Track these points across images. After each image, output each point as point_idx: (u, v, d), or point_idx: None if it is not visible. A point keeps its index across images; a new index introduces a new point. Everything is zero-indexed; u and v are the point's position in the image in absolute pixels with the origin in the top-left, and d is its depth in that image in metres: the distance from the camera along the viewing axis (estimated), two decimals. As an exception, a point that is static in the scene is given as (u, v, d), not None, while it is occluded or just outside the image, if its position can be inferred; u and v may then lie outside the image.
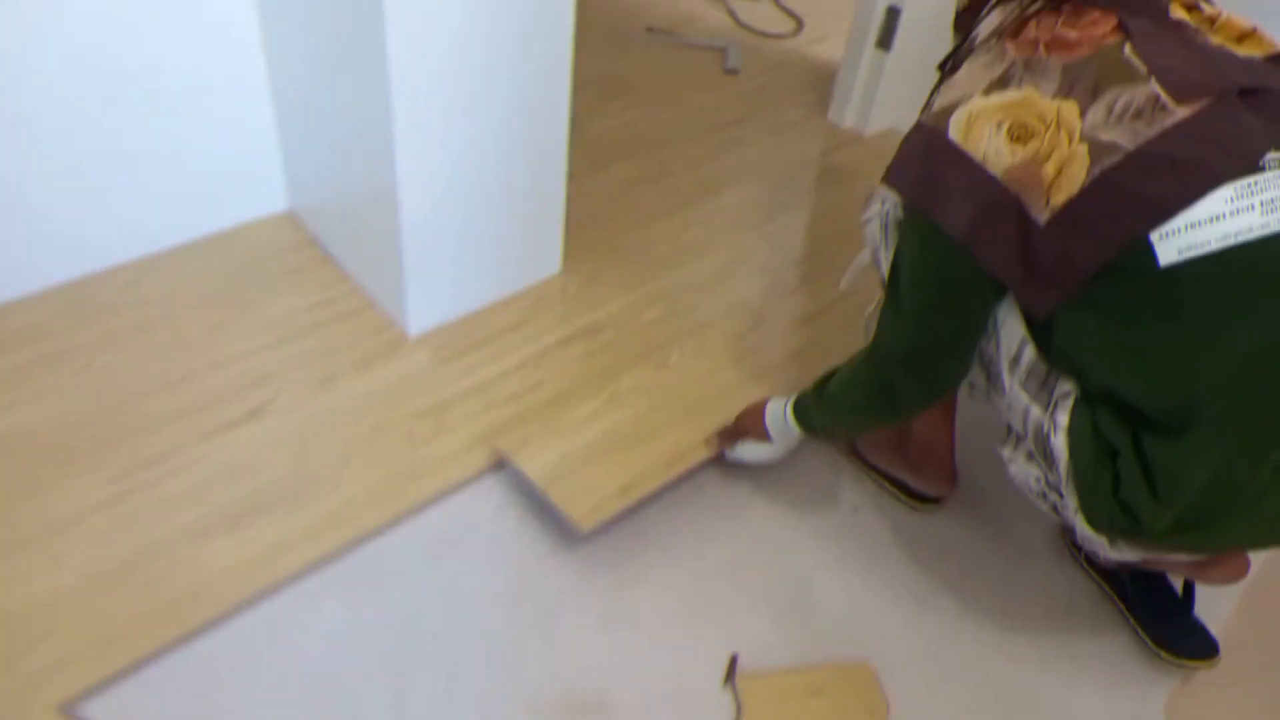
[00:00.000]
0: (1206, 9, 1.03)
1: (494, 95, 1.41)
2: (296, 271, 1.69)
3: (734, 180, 2.04)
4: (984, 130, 0.97)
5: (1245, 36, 1.00)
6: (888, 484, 1.45)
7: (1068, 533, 1.40)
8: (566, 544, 1.34)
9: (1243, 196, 0.90)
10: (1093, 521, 1.05)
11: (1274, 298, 0.91)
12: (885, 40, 2.08)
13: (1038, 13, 1.03)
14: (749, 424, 1.38)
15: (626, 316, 1.68)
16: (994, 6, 1.09)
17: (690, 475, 1.42)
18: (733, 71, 2.42)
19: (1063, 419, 1.03)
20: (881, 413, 1.21)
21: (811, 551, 1.37)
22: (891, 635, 1.28)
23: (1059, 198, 0.93)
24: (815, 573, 1.35)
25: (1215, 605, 1.31)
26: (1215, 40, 0.99)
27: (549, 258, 1.72)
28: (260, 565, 1.24)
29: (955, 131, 0.99)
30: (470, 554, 1.32)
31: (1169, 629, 1.26)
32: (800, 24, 2.67)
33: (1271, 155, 0.91)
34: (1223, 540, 1.04)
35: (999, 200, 0.96)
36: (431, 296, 1.57)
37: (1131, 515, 1.01)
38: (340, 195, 1.62)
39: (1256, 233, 0.90)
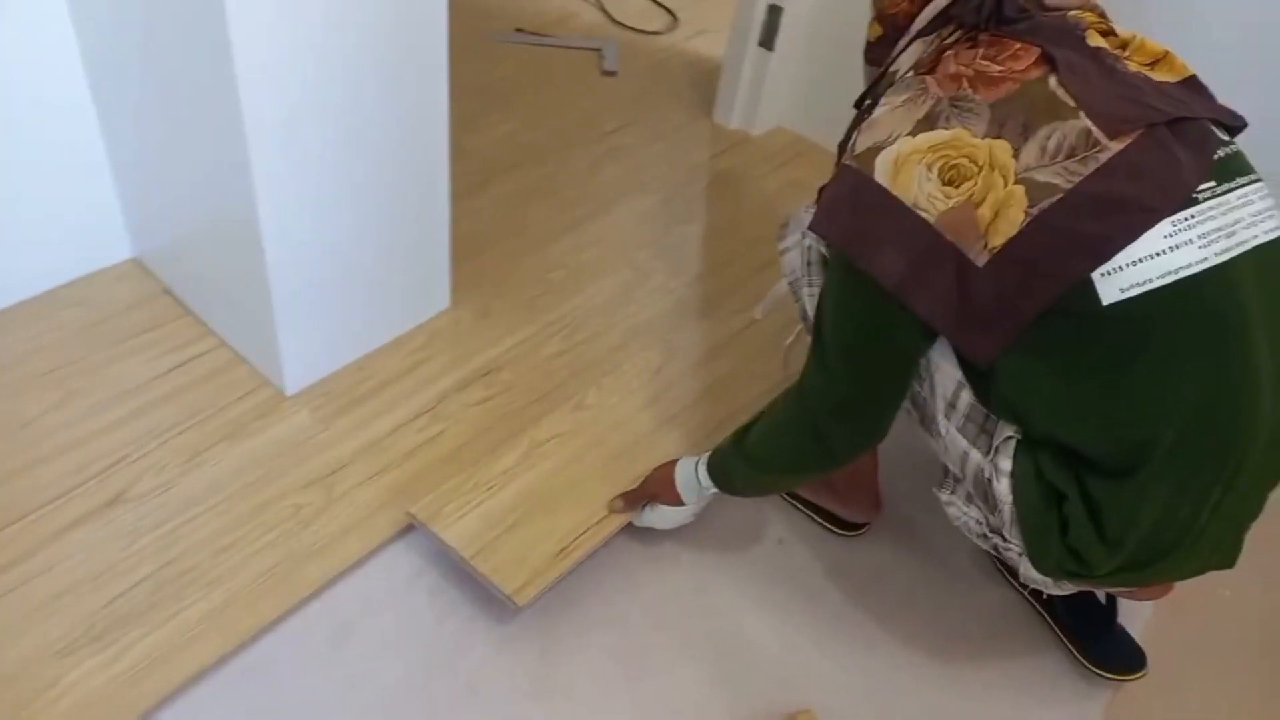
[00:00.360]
0: (1120, 33, 1.00)
1: (364, 117, 1.27)
2: (149, 328, 1.50)
3: (624, 193, 1.94)
4: (914, 173, 0.92)
5: (1158, 60, 0.98)
6: (813, 514, 1.40)
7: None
8: (486, 613, 1.24)
9: (1181, 231, 0.87)
10: (1040, 566, 1.02)
11: (1216, 333, 0.89)
12: (768, 40, 2.02)
13: (955, 44, 0.99)
14: (658, 489, 1.28)
15: (525, 352, 1.57)
16: (912, 40, 1.03)
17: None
18: (611, 73, 2.32)
19: (1005, 464, 0.99)
20: (816, 466, 1.14)
21: (740, 593, 1.31)
22: (832, 677, 1.23)
23: (997, 240, 0.88)
24: (746, 617, 1.29)
25: (1133, 609, 1.32)
26: (1132, 66, 0.96)
27: (437, 292, 1.59)
28: (135, 683, 1.09)
29: (883, 175, 0.93)
30: (378, 637, 1.20)
31: (1098, 644, 1.26)
32: (675, 19, 2.59)
33: (1204, 187, 0.89)
34: (1164, 576, 1.02)
35: (934, 247, 0.91)
36: (309, 346, 1.42)
37: (1079, 558, 0.98)
38: (193, 239, 1.45)
39: (1196, 267, 0.87)
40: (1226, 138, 0.95)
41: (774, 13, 1.98)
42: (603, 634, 1.24)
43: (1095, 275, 0.87)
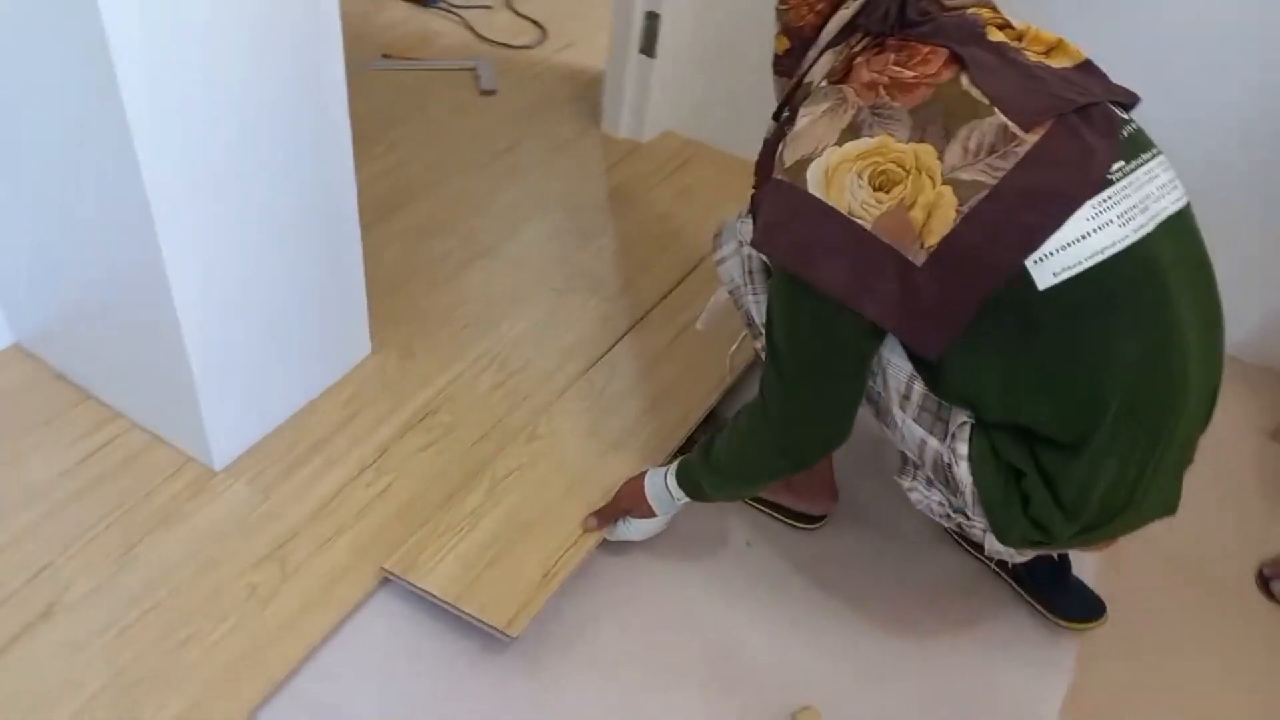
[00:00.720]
0: (1015, 25, 1.05)
1: (269, 168, 1.21)
2: (46, 419, 1.38)
3: (527, 214, 1.92)
4: (845, 181, 0.94)
5: (1053, 48, 1.03)
6: (773, 512, 1.42)
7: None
8: (472, 662, 1.20)
9: (1101, 213, 0.93)
10: (1005, 540, 1.07)
11: (1144, 304, 0.95)
12: (649, 47, 2.03)
13: (864, 51, 1.01)
14: (630, 503, 1.28)
15: (460, 390, 1.52)
16: (823, 51, 1.05)
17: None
18: (489, 92, 2.28)
19: (962, 448, 1.03)
20: (787, 471, 1.16)
21: (720, 600, 1.32)
22: (824, 669, 1.25)
23: (932, 240, 0.92)
24: (731, 622, 1.29)
25: (1081, 559, 1.39)
26: (1032, 57, 1.01)
27: (357, 339, 1.53)
28: (109, 811, 1.00)
29: (816, 186, 0.95)
30: (362, 708, 1.14)
31: (1059, 597, 1.33)
32: (544, 31, 2.57)
33: (1115, 167, 0.94)
34: (1119, 532, 1.08)
35: (874, 251, 0.94)
36: (234, 415, 1.34)
37: (1042, 529, 1.03)
38: (86, 315, 1.33)
39: (1119, 245, 0.93)
40: (1126, 116, 1.01)
41: (652, 19, 1.99)
42: (594, 666, 1.22)
43: (1029, 263, 0.91)
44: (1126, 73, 1.04)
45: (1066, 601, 1.32)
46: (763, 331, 1.21)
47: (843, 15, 1.04)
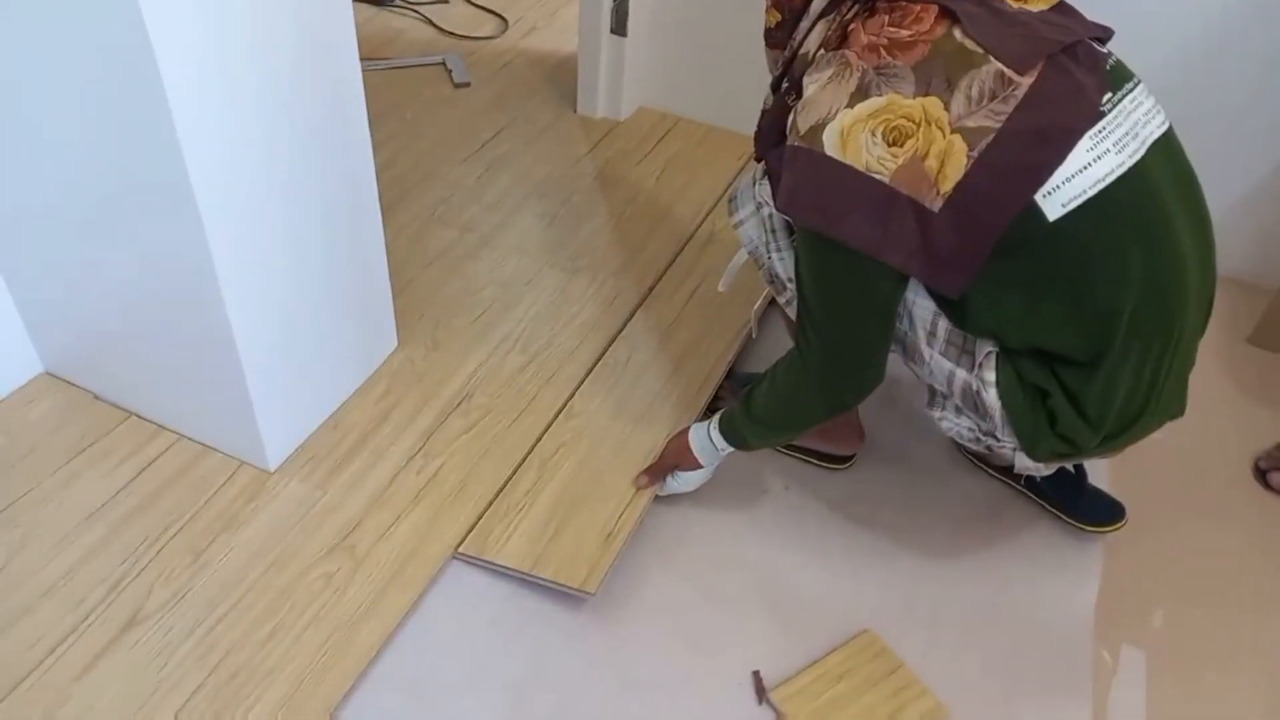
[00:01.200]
0: None
1: (303, 175, 1.25)
2: (92, 440, 1.40)
3: (521, 200, 1.96)
4: (860, 140, 1.00)
5: None
6: (805, 456, 1.49)
7: (959, 444, 1.52)
8: (547, 623, 1.26)
9: (1099, 143, 1.00)
10: (1035, 455, 1.16)
11: (1146, 222, 1.03)
12: (620, 26, 2.07)
13: (855, 16, 1.07)
14: (678, 458, 1.36)
15: (489, 374, 1.57)
16: (815, 21, 1.10)
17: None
18: (464, 84, 2.31)
19: (990, 375, 1.11)
20: (828, 415, 1.23)
21: (768, 543, 1.39)
22: (874, 595, 1.33)
23: (947, 186, 0.99)
24: (782, 563, 1.37)
25: (1095, 467, 1.49)
26: (1013, 4, 1.07)
27: (385, 334, 1.57)
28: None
29: (832, 148, 1.02)
30: (454, 679, 1.20)
31: (1082, 505, 1.42)
32: (504, 21, 2.60)
33: (1105, 99, 1.02)
34: (1138, 437, 1.17)
35: (894, 202, 1.00)
36: (282, 416, 1.37)
37: (1070, 442, 1.12)
38: (126, 336, 1.35)
39: (1118, 171, 1.01)
40: (1105, 50, 1.09)
41: (620, 0, 2.04)
42: (663, 617, 1.29)
43: (1038, 197, 0.99)
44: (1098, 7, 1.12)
45: (1089, 508, 1.42)
46: (787, 286, 1.28)
47: None
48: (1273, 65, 1.68)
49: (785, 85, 1.16)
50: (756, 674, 1.23)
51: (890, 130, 1.00)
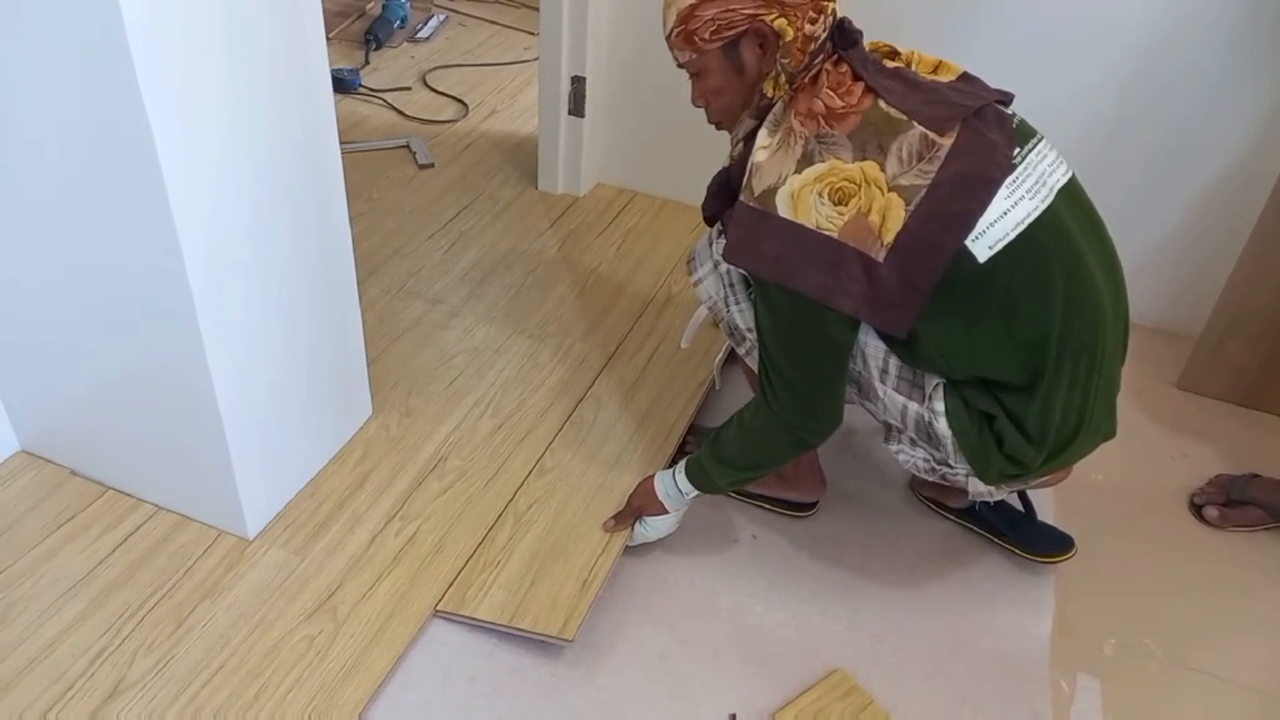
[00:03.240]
0: (901, 52, 1.23)
1: (286, 247, 1.31)
2: (70, 515, 1.42)
3: (488, 272, 2.04)
4: (810, 201, 1.11)
5: (937, 67, 1.22)
6: (771, 505, 1.56)
7: (915, 487, 1.60)
8: (526, 677, 1.29)
9: (1014, 191, 1.12)
10: (986, 479, 1.25)
11: (1061, 257, 1.15)
12: (578, 108, 2.19)
13: (814, 76, 1.17)
14: (643, 501, 1.42)
15: (463, 437, 1.62)
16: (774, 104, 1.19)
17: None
18: (428, 165, 2.40)
19: (939, 405, 1.21)
20: (792, 455, 1.31)
21: (738, 589, 1.44)
22: (841, 637, 1.39)
23: (889, 237, 1.10)
24: (753, 608, 1.42)
25: (1043, 506, 1.58)
26: (924, 76, 1.20)
27: (360, 403, 1.62)
28: None
29: (785, 209, 1.12)
30: (438, 737, 1.22)
31: (1032, 537, 1.50)
32: (464, 105, 2.71)
33: (1015, 153, 1.14)
34: (1077, 456, 1.27)
35: (842, 255, 1.11)
36: (262, 485, 1.41)
37: (1016, 462, 1.22)
38: (104, 412, 1.39)
39: (1033, 215, 1.13)
40: (1009, 111, 1.20)
41: (578, 83, 2.16)
42: (641, 665, 1.33)
43: (968, 242, 1.10)
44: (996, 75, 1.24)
45: (1039, 540, 1.50)
46: (746, 337, 1.37)
47: (815, 46, 1.17)
48: (1174, 130, 1.84)
49: (740, 143, 1.25)
50: (733, 717, 1.27)
51: (835, 191, 1.10)
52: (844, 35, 1.18)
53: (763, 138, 1.18)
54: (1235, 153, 1.82)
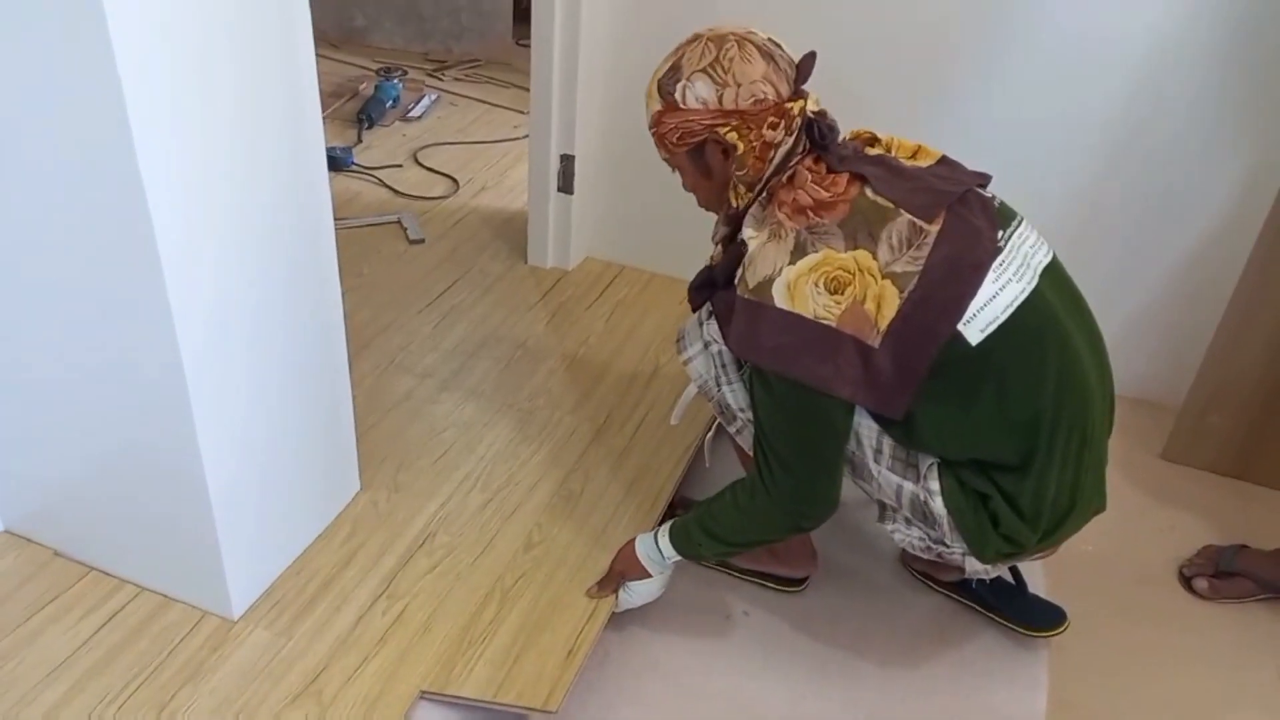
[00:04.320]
0: (881, 138, 1.28)
1: (276, 327, 1.32)
2: (53, 596, 1.40)
3: (477, 346, 2.05)
4: (806, 292, 1.13)
5: (917, 152, 1.27)
6: (762, 580, 1.55)
7: (906, 561, 1.60)
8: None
9: (1000, 275, 1.15)
10: (982, 557, 1.25)
11: (1048, 337, 1.18)
12: (567, 185, 2.24)
13: (790, 176, 1.20)
14: (625, 567, 1.42)
15: (452, 513, 1.61)
16: (747, 209, 1.24)
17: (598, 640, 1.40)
18: (418, 240, 2.43)
19: (934, 485, 1.22)
20: (787, 535, 1.32)
21: (730, 665, 1.43)
22: (837, 714, 1.37)
23: (884, 324, 1.12)
24: (747, 686, 1.40)
25: (1033, 580, 1.58)
26: (906, 162, 1.24)
27: (348, 479, 1.61)
28: None
29: (781, 300, 1.14)
30: (424, 826, 1.19)
31: (1025, 612, 1.50)
32: (456, 182, 2.76)
33: (999, 236, 1.17)
34: (1070, 531, 1.28)
35: (840, 342, 1.13)
36: (248, 564, 1.39)
37: (1013, 541, 1.22)
38: (89, 492, 1.38)
39: (1021, 297, 1.16)
40: (988, 194, 1.24)
41: (567, 161, 2.21)
42: (629, 746, 1.31)
43: (960, 326, 1.13)
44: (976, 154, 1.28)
45: (1030, 613, 1.50)
46: (737, 416, 1.38)
47: (782, 152, 1.20)
48: (1152, 204, 1.89)
49: (731, 244, 1.29)
50: (726, 801, 1.25)
51: (830, 281, 1.13)
52: (822, 132, 1.21)
53: (749, 234, 1.21)
54: (1213, 224, 1.88)
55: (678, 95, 1.20)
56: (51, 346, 1.24)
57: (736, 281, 1.21)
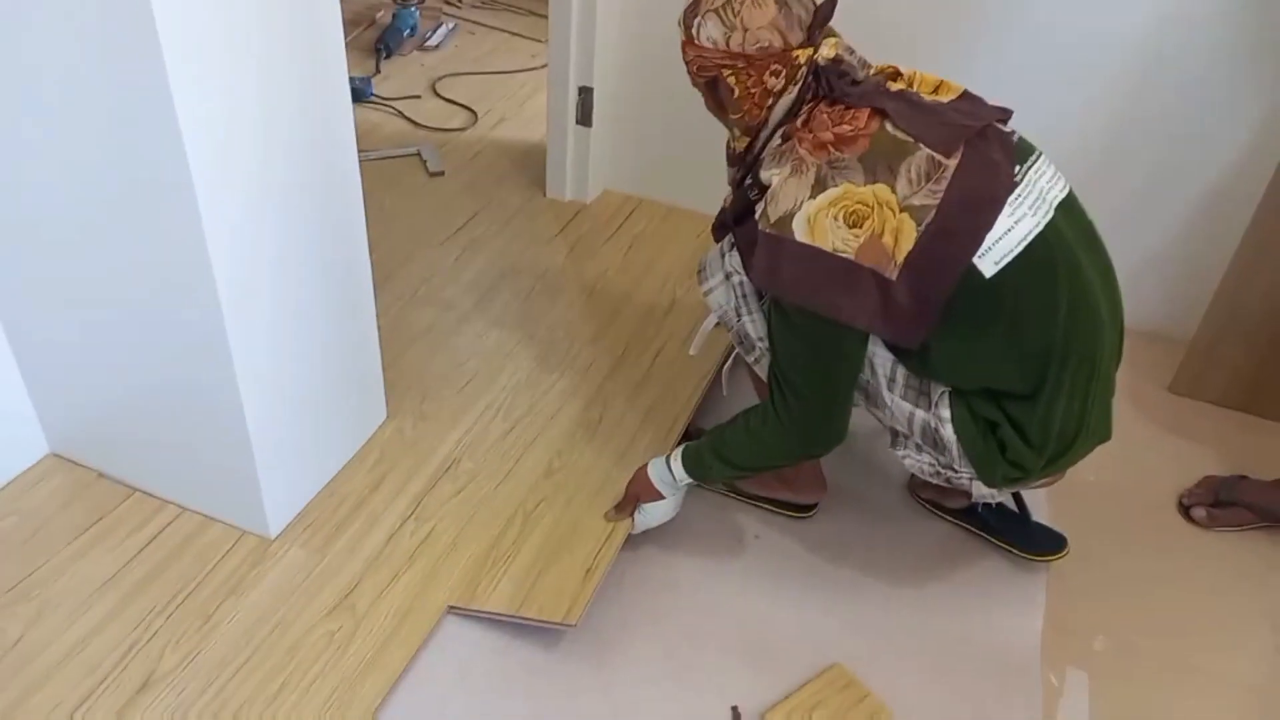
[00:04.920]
0: (904, 72, 1.28)
1: (311, 264, 1.37)
2: (99, 516, 1.48)
3: (498, 278, 2.09)
4: (825, 225, 1.16)
5: (938, 87, 1.27)
6: (772, 506, 1.61)
7: (914, 489, 1.65)
8: (539, 667, 1.36)
9: (1017, 209, 1.17)
10: (990, 482, 1.30)
11: (1062, 270, 1.20)
12: (585, 118, 2.24)
13: (804, 117, 1.21)
14: (639, 488, 1.48)
15: (475, 440, 1.68)
16: (774, 131, 1.25)
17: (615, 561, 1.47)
18: (438, 173, 2.45)
19: (945, 413, 1.26)
20: (795, 463, 1.37)
21: (744, 589, 1.50)
22: (841, 633, 1.44)
23: (901, 256, 1.15)
24: (757, 605, 1.47)
25: (1036, 506, 1.63)
26: (927, 97, 1.24)
27: (375, 407, 1.67)
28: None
29: (802, 233, 1.17)
30: (454, 728, 1.28)
31: (1027, 538, 1.56)
32: (474, 114, 2.77)
33: (1016, 171, 1.19)
34: (1075, 458, 1.32)
35: (859, 275, 1.16)
36: (283, 487, 1.46)
37: (1020, 467, 1.26)
38: (133, 416, 1.44)
39: (1035, 230, 1.18)
40: (1008, 129, 1.25)
41: (585, 93, 2.21)
42: (649, 662, 1.38)
43: (975, 259, 1.15)
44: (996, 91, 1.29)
45: (1033, 539, 1.55)
46: (756, 345, 1.42)
47: (786, 100, 1.23)
48: (1168, 139, 1.88)
49: (749, 182, 1.31)
50: (735, 709, 1.33)
51: (849, 214, 1.15)
52: (830, 82, 1.21)
53: (770, 170, 1.23)
54: (1229, 160, 1.87)
55: (694, 30, 1.22)
56: (96, 280, 1.29)
57: (758, 215, 1.23)
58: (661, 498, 1.46)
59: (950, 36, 1.91)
